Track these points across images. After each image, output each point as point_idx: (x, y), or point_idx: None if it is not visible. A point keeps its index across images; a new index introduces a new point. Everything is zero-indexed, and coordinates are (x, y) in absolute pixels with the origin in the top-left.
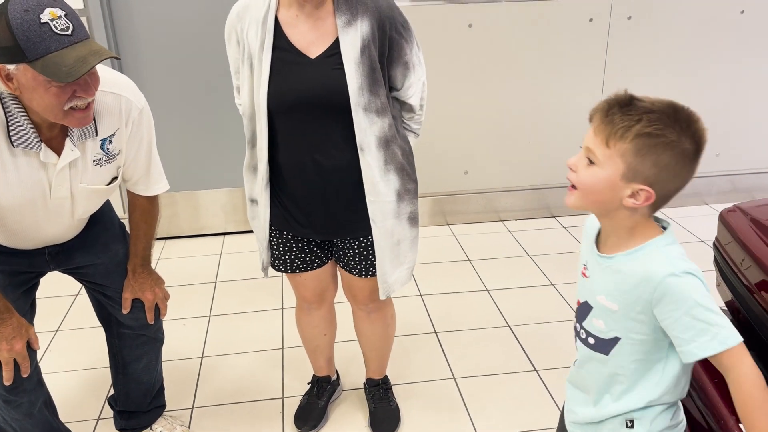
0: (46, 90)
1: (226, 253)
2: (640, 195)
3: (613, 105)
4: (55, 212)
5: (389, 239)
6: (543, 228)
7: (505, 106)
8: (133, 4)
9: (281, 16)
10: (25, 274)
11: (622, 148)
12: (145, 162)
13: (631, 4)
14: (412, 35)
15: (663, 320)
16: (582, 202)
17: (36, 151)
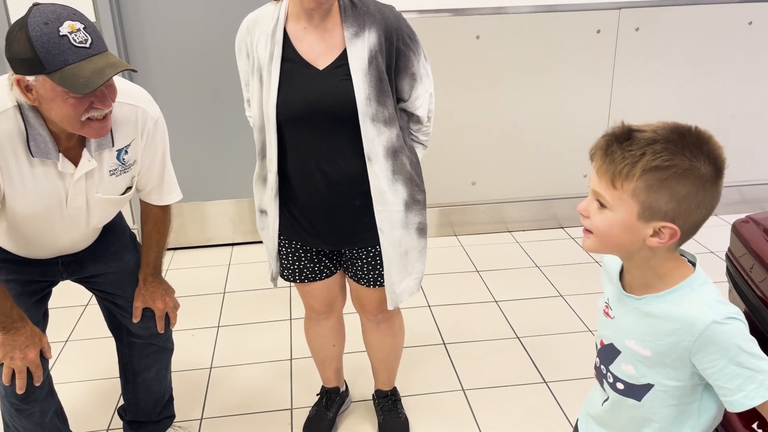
0: (64, 101)
1: (234, 263)
2: (664, 233)
3: (612, 141)
4: (71, 221)
5: (397, 249)
6: (551, 239)
7: (513, 117)
8: (143, 17)
9: (290, 29)
10: (38, 283)
11: (630, 188)
12: (159, 172)
13: (638, 16)
14: (419, 47)
15: (705, 369)
16: (601, 247)
17: (54, 161)
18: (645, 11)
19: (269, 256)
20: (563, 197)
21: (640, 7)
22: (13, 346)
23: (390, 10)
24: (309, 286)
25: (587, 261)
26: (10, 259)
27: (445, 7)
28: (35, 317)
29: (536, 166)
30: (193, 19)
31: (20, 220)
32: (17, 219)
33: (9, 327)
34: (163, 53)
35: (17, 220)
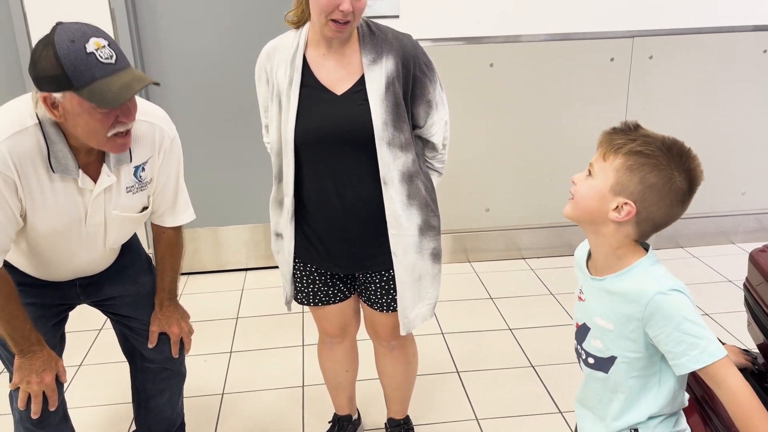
0: (91, 116)
1: (247, 289)
2: (623, 209)
3: (619, 127)
4: (89, 240)
5: (410, 274)
6: (565, 266)
7: (527, 144)
8: (161, 42)
9: (309, 56)
10: (56, 307)
11: (615, 163)
12: (173, 191)
13: (652, 44)
14: (435, 75)
15: (654, 336)
16: (574, 211)
17: (74, 178)
18: (658, 39)
19: (284, 279)
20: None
21: (654, 36)
22: (30, 370)
23: (408, 39)
24: (323, 310)
25: None
26: (29, 282)
27: (459, 35)
28: (52, 341)
29: (550, 193)
30: (210, 44)
31: (41, 239)
32: (38, 237)
33: (26, 350)
34: (181, 77)
35: (38, 238)
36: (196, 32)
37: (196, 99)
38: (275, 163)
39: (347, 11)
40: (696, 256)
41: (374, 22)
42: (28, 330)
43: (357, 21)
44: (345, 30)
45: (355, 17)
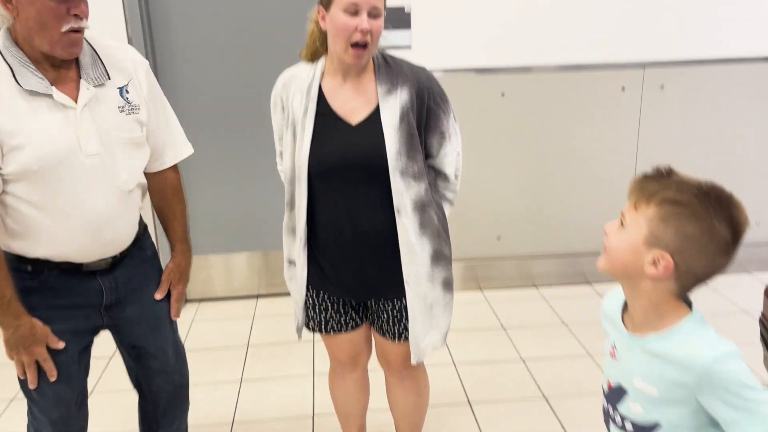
0: (43, 5)
1: (258, 316)
2: (660, 264)
3: (650, 173)
4: (96, 175)
5: (422, 303)
6: (579, 295)
7: (538, 173)
8: (177, 70)
9: (325, 86)
10: (83, 335)
11: (647, 213)
12: (165, 120)
13: (663, 74)
14: (449, 107)
15: (709, 405)
16: (608, 265)
17: (48, 94)
18: (670, 69)
19: (296, 306)
20: (590, 253)
21: (665, 66)
22: (17, 344)
23: (422, 71)
24: (335, 338)
25: None
26: (55, 305)
27: (470, 66)
28: (78, 368)
29: (562, 222)
30: (227, 72)
31: (43, 182)
32: (39, 179)
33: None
34: (195, 104)
35: (39, 181)
36: (210, 63)
37: (210, 126)
38: (288, 191)
39: (366, 30)
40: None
41: (390, 55)
42: (8, 298)
43: (375, 45)
44: (364, 55)
45: (372, 40)
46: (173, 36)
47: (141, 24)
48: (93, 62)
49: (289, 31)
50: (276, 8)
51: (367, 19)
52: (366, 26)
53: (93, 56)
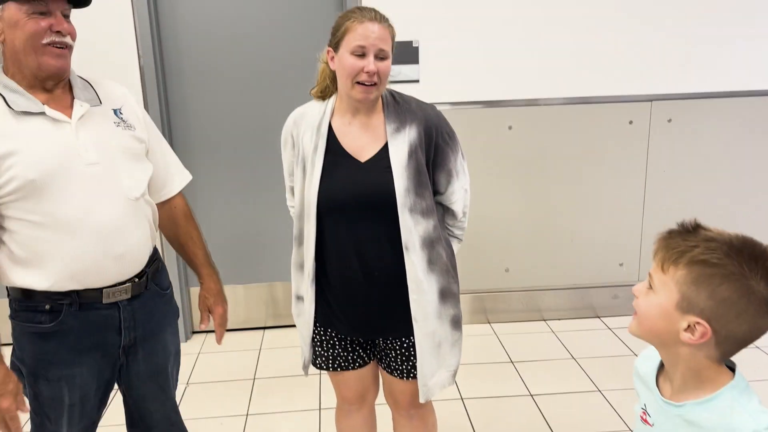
0: (26, 22)
1: (265, 348)
2: (697, 330)
3: (676, 230)
4: (96, 182)
5: (431, 340)
6: (588, 329)
7: (546, 205)
8: (189, 105)
9: (335, 123)
10: (102, 378)
11: (676, 275)
12: (162, 150)
13: (670, 107)
14: (457, 145)
15: None
16: (639, 330)
17: (40, 112)
18: (677, 103)
19: (303, 342)
20: (599, 286)
21: (672, 99)
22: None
23: (431, 109)
24: (342, 375)
25: (626, 354)
26: (74, 347)
27: (478, 99)
28: (98, 413)
29: (571, 254)
30: (233, 106)
31: (47, 194)
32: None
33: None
34: (203, 136)
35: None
36: (221, 95)
37: (217, 156)
38: (296, 227)
39: (372, 72)
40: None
41: (398, 93)
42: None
43: (383, 84)
44: (372, 92)
45: (381, 80)
46: (185, 65)
47: (153, 53)
48: (85, 88)
49: (299, 66)
50: (287, 40)
51: (374, 61)
52: (372, 68)
53: (85, 84)
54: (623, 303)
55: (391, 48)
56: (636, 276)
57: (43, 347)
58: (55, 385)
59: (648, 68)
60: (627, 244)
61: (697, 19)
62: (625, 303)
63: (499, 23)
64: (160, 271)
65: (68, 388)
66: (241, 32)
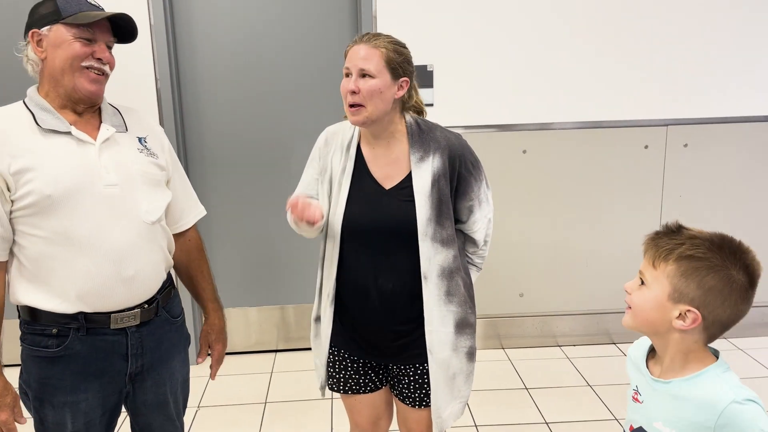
0: (70, 44)
1: (277, 371)
2: (688, 317)
3: (662, 231)
4: (114, 203)
5: (445, 372)
6: (603, 355)
7: (561, 230)
8: (204, 125)
9: (364, 148)
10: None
11: (666, 269)
12: (183, 183)
13: (686, 132)
14: (481, 174)
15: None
16: (634, 322)
17: (67, 132)
18: (693, 128)
19: (320, 363)
20: (614, 312)
21: (688, 124)
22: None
23: (456, 138)
24: (354, 399)
25: None
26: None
27: (492, 122)
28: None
29: (586, 280)
30: (248, 130)
31: (64, 212)
32: (59, 210)
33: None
34: (215, 158)
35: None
36: (236, 117)
37: (229, 179)
38: (322, 248)
39: (350, 90)
40: (741, 348)
41: (423, 119)
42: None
43: (372, 104)
44: (358, 113)
45: (366, 99)
46: (200, 82)
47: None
48: (114, 114)
49: (314, 84)
50: (303, 57)
51: (356, 79)
52: (351, 87)
53: (114, 111)
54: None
55: (382, 67)
56: None
57: (48, 372)
58: (59, 410)
59: (664, 92)
60: None
61: (714, 43)
62: None
63: (513, 47)
64: (173, 298)
65: (72, 414)
66: (256, 49)
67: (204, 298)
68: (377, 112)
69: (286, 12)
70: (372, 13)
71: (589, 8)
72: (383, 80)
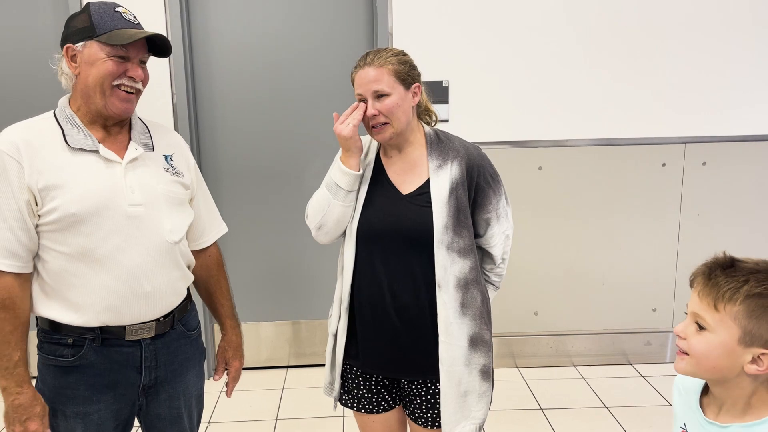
0: (103, 63)
1: (288, 388)
2: (763, 361)
3: (715, 268)
4: (137, 222)
5: (456, 388)
6: (619, 376)
7: (577, 248)
8: (218, 133)
9: (381, 154)
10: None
11: (733, 311)
12: (206, 200)
13: (705, 150)
14: (500, 188)
15: None
16: (696, 370)
17: (95, 151)
18: (711, 146)
19: (335, 374)
20: (631, 332)
21: (706, 142)
22: (14, 416)
23: (475, 149)
24: (368, 419)
25: (660, 404)
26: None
27: (507, 139)
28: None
29: (602, 299)
30: (262, 145)
31: (87, 229)
32: (82, 227)
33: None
34: (235, 169)
35: (83, 228)
36: (254, 128)
37: (241, 194)
38: (339, 259)
39: (372, 114)
40: None
41: (442, 131)
42: (15, 362)
43: (397, 121)
44: (384, 131)
45: (388, 116)
46: (216, 96)
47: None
48: (143, 132)
49: (331, 97)
50: (319, 71)
51: (373, 102)
52: (371, 111)
53: (144, 128)
54: (656, 350)
55: (393, 82)
56: (670, 322)
57: (62, 381)
58: (71, 421)
59: (682, 110)
60: (660, 289)
61: (732, 61)
62: (658, 350)
63: (529, 64)
64: (189, 312)
65: (84, 425)
66: (272, 65)
67: (222, 314)
68: (401, 124)
69: (303, 29)
70: (388, 30)
71: (606, 25)
72: (399, 94)
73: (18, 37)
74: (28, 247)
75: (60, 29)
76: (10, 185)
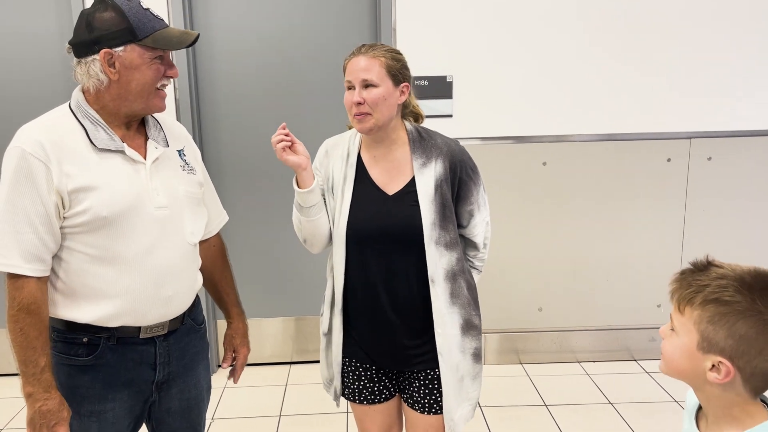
0: (148, 67)
1: (291, 384)
2: (721, 369)
3: (688, 269)
4: (163, 225)
5: (455, 374)
6: (623, 372)
7: (582, 243)
8: (221, 130)
9: (364, 155)
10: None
11: (693, 316)
12: (210, 190)
13: (710, 145)
14: (479, 179)
15: None
16: (668, 371)
17: (120, 151)
18: (717, 141)
19: (334, 372)
20: (635, 328)
21: (712, 137)
22: (40, 422)
23: (455, 144)
24: (368, 409)
25: (665, 399)
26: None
27: (511, 134)
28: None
29: (606, 294)
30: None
31: (113, 231)
32: (110, 229)
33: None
34: (238, 166)
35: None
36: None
37: (244, 190)
38: (329, 261)
39: (355, 102)
40: None
41: (423, 128)
42: (41, 367)
43: (380, 114)
44: (365, 121)
45: (372, 108)
46: (218, 93)
47: (188, 82)
48: (155, 127)
49: (334, 94)
50: (322, 68)
51: (360, 91)
52: (356, 98)
53: (155, 122)
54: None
55: (383, 75)
56: None
57: (77, 380)
58: (85, 420)
59: (687, 105)
60: (665, 285)
61: (738, 56)
62: None
63: (533, 59)
64: (196, 306)
65: (99, 423)
66: (275, 61)
67: (228, 303)
68: (383, 118)
69: (306, 25)
70: (392, 25)
71: (611, 20)
72: (386, 88)
73: (18, 37)
74: (52, 251)
75: (60, 29)
76: (37, 188)
